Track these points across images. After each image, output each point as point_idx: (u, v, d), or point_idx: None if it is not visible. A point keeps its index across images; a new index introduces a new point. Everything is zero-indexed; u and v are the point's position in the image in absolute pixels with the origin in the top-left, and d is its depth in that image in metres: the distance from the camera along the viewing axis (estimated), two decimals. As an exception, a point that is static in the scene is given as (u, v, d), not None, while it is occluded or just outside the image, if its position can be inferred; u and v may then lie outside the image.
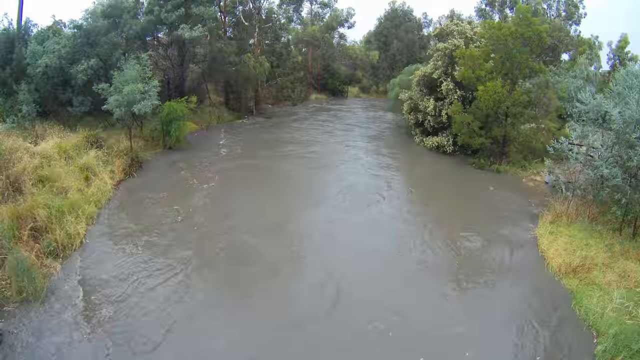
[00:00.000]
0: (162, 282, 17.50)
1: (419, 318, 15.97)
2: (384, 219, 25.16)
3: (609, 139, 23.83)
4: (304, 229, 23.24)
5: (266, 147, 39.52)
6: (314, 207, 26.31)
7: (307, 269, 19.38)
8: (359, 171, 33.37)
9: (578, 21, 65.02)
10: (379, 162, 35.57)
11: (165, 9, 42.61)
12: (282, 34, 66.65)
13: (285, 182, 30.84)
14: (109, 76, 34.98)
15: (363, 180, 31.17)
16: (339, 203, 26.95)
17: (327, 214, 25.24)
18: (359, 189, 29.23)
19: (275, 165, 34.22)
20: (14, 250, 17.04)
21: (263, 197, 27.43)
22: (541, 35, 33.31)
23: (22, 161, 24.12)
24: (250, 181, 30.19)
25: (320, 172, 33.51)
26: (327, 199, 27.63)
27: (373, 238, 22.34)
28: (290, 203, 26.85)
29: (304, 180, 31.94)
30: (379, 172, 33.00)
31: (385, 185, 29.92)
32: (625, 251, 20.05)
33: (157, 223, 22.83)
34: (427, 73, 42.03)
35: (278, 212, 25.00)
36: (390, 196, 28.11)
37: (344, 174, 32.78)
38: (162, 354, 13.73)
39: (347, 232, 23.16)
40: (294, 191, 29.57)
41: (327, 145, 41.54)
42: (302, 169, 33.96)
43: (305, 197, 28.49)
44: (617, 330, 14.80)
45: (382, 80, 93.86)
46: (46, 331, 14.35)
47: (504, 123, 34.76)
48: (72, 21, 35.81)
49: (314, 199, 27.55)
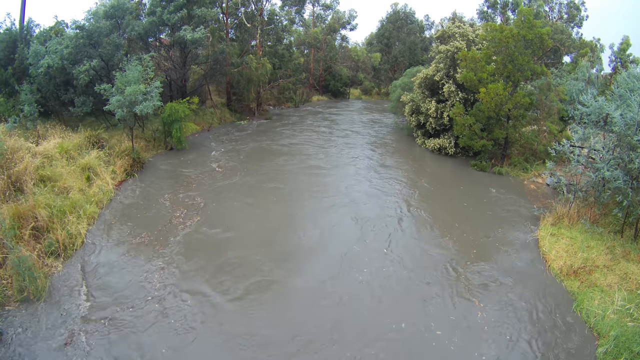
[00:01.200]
0: (163, 280, 17.52)
1: (411, 314, 15.98)
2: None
3: (611, 141, 23.85)
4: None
5: (263, 158, 37.18)
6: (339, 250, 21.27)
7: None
8: (368, 191, 29.37)
9: (580, 23, 65.06)
10: (383, 175, 32.97)
11: (167, 10, 42.68)
12: (284, 36, 66.63)
13: (288, 206, 26.48)
14: (110, 77, 35.13)
15: (375, 205, 27.06)
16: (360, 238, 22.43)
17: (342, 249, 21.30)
18: (372, 214, 25.32)
19: (278, 179, 31.32)
20: (16, 249, 17.06)
21: (268, 220, 24.04)
22: (543, 38, 33.28)
23: (24, 161, 24.16)
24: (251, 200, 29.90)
25: (326, 193, 28.98)
26: (339, 229, 23.50)
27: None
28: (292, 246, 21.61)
29: (307, 209, 26.47)
30: (387, 188, 30.05)
31: (396, 206, 26.84)
32: (626, 253, 20.05)
33: (159, 224, 22.84)
34: (429, 75, 42.05)
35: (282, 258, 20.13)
36: (404, 219, 25.43)
37: (351, 192, 29.00)
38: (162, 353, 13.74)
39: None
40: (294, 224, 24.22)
41: (329, 152, 40.28)
42: (304, 190, 29.48)
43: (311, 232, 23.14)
44: (618, 333, 14.79)
45: (384, 82, 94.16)
46: (47, 330, 14.37)
47: (505, 125, 34.75)
48: (75, 22, 35.76)
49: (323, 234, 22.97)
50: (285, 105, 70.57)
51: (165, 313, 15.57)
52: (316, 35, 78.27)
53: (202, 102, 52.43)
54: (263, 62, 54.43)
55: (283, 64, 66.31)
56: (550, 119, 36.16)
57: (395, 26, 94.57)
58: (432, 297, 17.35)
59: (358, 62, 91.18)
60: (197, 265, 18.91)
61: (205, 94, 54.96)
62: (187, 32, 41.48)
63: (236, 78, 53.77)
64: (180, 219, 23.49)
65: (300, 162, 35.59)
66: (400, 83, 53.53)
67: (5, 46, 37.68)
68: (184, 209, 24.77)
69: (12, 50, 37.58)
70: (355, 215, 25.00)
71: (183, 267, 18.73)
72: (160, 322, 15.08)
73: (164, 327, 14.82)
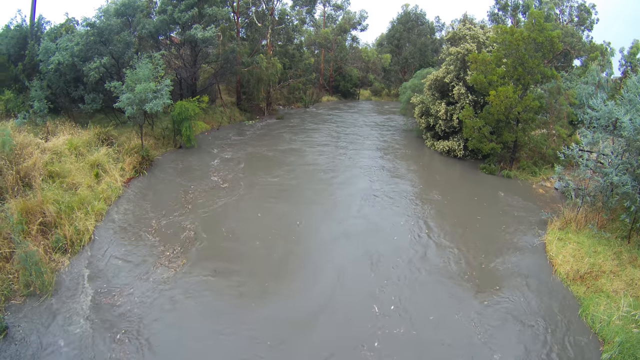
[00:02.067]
0: (166, 278, 17.60)
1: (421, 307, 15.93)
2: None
3: (620, 146, 23.71)
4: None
5: (272, 165, 35.65)
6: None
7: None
8: (381, 214, 25.91)
9: (590, 27, 64.66)
10: (395, 188, 30.26)
11: (178, 8, 42.83)
12: (295, 36, 66.72)
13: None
14: (121, 74, 35.29)
15: (388, 229, 23.90)
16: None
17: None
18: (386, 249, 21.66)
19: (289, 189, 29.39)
20: (23, 244, 17.22)
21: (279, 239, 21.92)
22: (553, 41, 33.11)
23: (33, 156, 24.37)
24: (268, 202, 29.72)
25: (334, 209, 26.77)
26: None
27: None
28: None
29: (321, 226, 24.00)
30: (402, 202, 27.68)
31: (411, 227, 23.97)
32: (633, 259, 19.90)
33: (167, 222, 22.94)
34: (439, 77, 41.97)
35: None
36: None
37: (363, 213, 26.07)
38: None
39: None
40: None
41: (338, 159, 38.45)
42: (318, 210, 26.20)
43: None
44: (623, 339, 14.70)
45: (394, 84, 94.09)
46: (52, 325, 14.49)
47: (514, 128, 34.60)
48: (85, 19, 36.00)
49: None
50: (294, 105, 70.64)
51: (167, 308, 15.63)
52: (327, 36, 78.36)
53: (212, 100, 52.56)
54: (273, 62, 54.57)
55: (293, 63, 66.46)
56: (560, 122, 35.99)
57: (406, 27, 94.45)
58: (443, 298, 17.35)
59: (368, 62, 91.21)
60: (200, 265, 18.99)
61: (215, 93, 55.11)
62: (197, 30, 41.62)
63: (246, 77, 53.96)
64: (190, 220, 23.58)
65: (309, 174, 33.46)
66: (410, 84, 53.53)
67: (16, 42, 37.99)
68: (192, 207, 24.88)
69: (23, 47, 37.90)
70: (369, 251, 21.04)
71: (188, 266, 18.84)
72: (165, 317, 15.16)
73: (172, 325, 14.89)
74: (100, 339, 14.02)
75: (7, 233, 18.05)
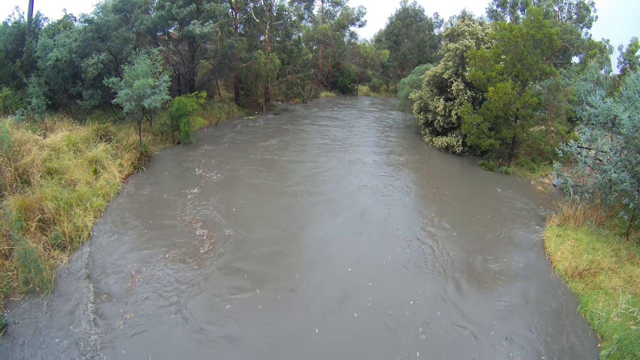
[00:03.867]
0: (167, 275, 17.59)
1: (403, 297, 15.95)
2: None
3: (618, 143, 23.73)
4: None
5: (268, 167, 35.38)
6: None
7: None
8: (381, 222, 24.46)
9: (589, 24, 64.73)
10: (392, 190, 29.30)
11: (176, 4, 42.72)
12: (293, 32, 66.70)
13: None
14: (119, 70, 35.24)
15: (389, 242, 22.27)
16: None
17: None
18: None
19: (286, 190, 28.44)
20: (22, 241, 17.20)
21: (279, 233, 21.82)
22: (552, 38, 33.11)
23: (31, 153, 24.29)
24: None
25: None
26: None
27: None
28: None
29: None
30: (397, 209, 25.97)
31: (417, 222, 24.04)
32: (631, 256, 19.94)
33: (166, 218, 22.92)
34: (437, 73, 41.98)
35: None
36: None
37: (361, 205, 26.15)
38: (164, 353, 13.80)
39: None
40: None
41: (334, 156, 39.45)
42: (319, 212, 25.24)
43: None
44: (621, 336, 14.74)
45: (392, 80, 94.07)
46: (52, 321, 14.47)
47: (513, 125, 34.64)
48: (83, 15, 35.90)
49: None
50: (293, 101, 70.56)
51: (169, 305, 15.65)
52: (325, 31, 78.22)
53: (210, 96, 52.55)
54: (271, 58, 54.51)
55: (291, 59, 66.36)
56: (558, 119, 36.02)
57: (405, 23, 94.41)
58: (439, 294, 17.37)
59: (366, 58, 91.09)
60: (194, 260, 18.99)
61: (213, 89, 55.08)
62: (195, 26, 41.53)
63: (244, 73, 53.88)
64: (187, 216, 23.58)
65: (308, 175, 34.13)
66: (408, 80, 53.47)
67: (14, 39, 37.85)
68: (190, 204, 24.86)
69: (21, 43, 37.77)
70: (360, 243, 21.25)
71: (191, 261, 18.83)
72: (168, 313, 15.17)
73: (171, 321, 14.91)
74: (99, 335, 14.00)
75: (5, 230, 18.01)
